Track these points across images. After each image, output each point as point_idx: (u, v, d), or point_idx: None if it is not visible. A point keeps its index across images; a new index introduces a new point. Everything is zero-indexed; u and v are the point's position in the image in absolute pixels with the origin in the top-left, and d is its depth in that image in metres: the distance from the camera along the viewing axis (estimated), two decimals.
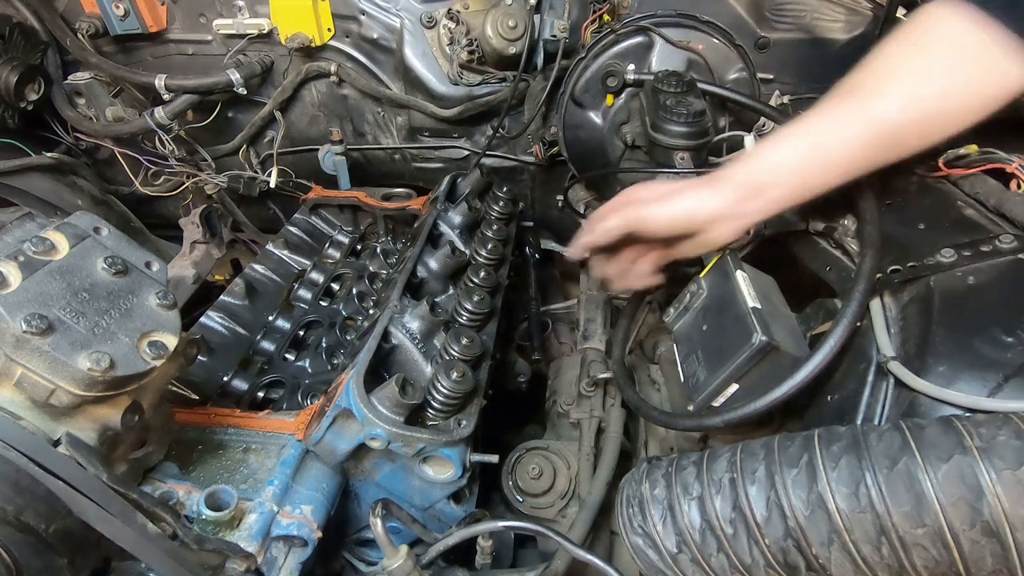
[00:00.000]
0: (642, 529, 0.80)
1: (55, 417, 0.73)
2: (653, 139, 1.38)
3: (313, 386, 1.31)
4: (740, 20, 1.55)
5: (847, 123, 0.95)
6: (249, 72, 1.74)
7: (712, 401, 1.00)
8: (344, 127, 1.93)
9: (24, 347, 0.68)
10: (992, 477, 0.59)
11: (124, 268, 0.81)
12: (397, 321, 1.12)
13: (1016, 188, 0.97)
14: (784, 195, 1.02)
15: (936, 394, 0.75)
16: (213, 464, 0.98)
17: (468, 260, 1.40)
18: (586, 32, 1.69)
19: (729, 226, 1.04)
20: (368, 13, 1.73)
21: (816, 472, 0.69)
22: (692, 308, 1.11)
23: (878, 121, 0.93)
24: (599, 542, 1.20)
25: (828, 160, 0.98)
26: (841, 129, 0.96)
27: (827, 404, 0.92)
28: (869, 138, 0.94)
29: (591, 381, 1.40)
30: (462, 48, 1.68)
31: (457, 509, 1.11)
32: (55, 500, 0.69)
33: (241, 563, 0.81)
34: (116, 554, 0.80)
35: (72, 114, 1.86)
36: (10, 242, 0.75)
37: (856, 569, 0.67)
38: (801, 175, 1.00)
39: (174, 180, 2.01)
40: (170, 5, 1.79)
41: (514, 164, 1.91)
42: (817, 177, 1.00)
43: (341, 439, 0.98)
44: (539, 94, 1.71)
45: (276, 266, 1.65)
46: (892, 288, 0.90)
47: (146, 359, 0.76)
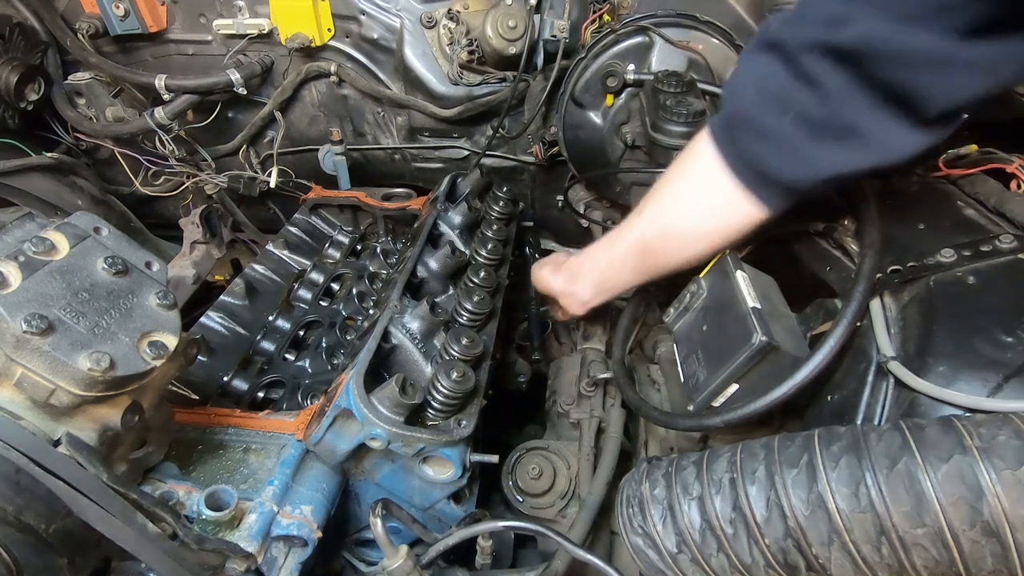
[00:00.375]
0: (642, 529, 0.80)
1: (55, 417, 0.73)
2: (653, 139, 1.38)
3: (313, 386, 1.31)
4: (740, 20, 1.55)
5: (624, 236, 1.16)
6: (249, 72, 1.74)
7: (712, 401, 1.00)
8: (344, 127, 1.93)
9: (24, 347, 0.68)
10: (992, 477, 0.59)
11: (124, 268, 0.81)
12: (397, 321, 1.12)
13: (1016, 188, 0.97)
14: (591, 290, 1.27)
15: (936, 394, 0.75)
16: (213, 464, 0.98)
17: (468, 260, 1.40)
18: (586, 32, 1.69)
19: (569, 301, 1.32)
20: (368, 13, 1.73)
21: (816, 472, 0.69)
22: (692, 308, 1.11)
23: (635, 234, 1.13)
24: (599, 542, 1.20)
25: (614, 265, 1.20)
26: (621, 240, 1.16)
27: (827, 404, 0.92)
28: (633, 248, 1.14)
29: (591, 381, 1.40)
30: (462, 48, 1.68)
31: (457, 509, 1.11)
32: (55, 500, 0.69)
33: (241, 563, 0.81)
34: (116, 554, 0.80)
35: (72, 114, 1.86)
36: (10, 242, 0.75)
37: (856, 569, 0.67)
38: (601, 274, 1.24)
39: (174, 180, 2.01)
40: (170, 5, 1.79)
41: (514, 164, 1.91)
42: (612, 280, 1.23)
43: (341, 439, 0.98)
44: (539, 94, 1.71)
45: (276, 266, 1.65)
46: (892, 288, 0.90)
47: (146, 359, 0.76)
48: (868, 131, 0.83)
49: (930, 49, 0.73)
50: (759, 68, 0.89)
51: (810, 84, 0.83)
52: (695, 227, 1.05)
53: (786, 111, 0.86)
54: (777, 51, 0.86)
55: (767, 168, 0.91)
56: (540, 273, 1.38)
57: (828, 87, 0.82)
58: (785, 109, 0.86)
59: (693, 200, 1.04)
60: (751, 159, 0.92)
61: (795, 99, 0.85)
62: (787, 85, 0.85)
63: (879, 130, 0.82)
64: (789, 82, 0.85)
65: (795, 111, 0.85)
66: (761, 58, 0.88)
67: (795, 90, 0.85)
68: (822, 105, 0.83)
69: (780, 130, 0.87)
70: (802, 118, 0.85)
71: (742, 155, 0.94)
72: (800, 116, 0.85)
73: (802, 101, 0.84)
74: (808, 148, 0.86)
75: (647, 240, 1.12)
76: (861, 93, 0.81)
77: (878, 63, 0.77)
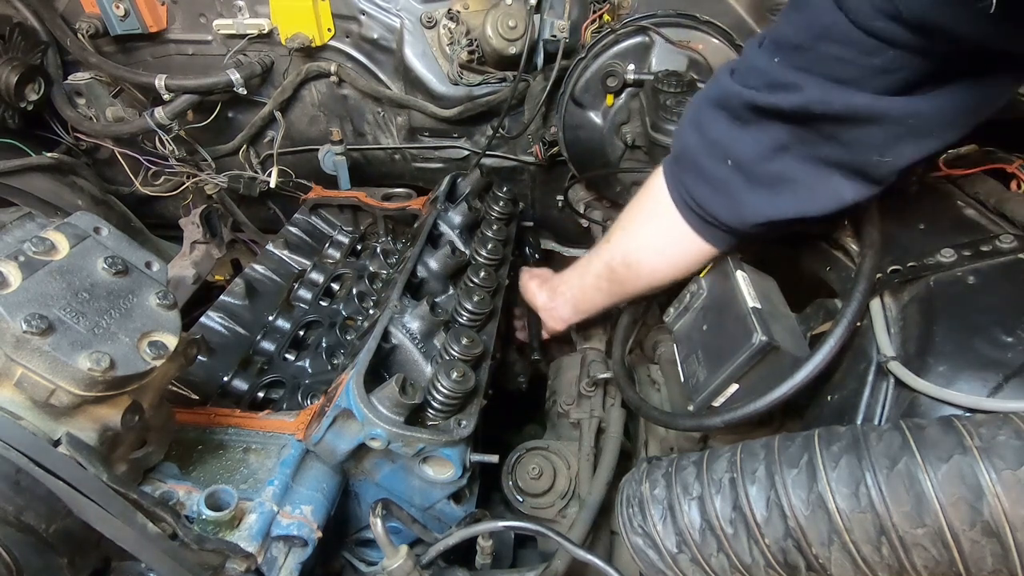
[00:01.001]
0: (642, 529, 0.80)
1: (55, 417, 0.73)
2: (653, 139, 1.38)
3: (313, 386, 1.31)
4: (740, 20, 1.55)
5: (593, 262, 1.25)
6: (249, 72, 1.74)
7: (712, 401, 1.00)
8: (344, 127, 1.93)
9: (24, 347, 0.68)
10: (992, 477, 0.59)
11: (124, 268, 0.81)
12: (397, 321, 1.12)
13: (1016, 188, 0.97)
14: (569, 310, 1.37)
15: (936, 394, 0.75)
16: (213, 464, 0.98)
17: (468, 260, 1.40)
18: (586, 32, 1.69)
19: (549, 316, 1.42)
20: (368, 13, 1.73)
21: (816, 472, 0.69)
22: (692, 308, 1.11)
23: (602, 261, 1.22)
24: (599, 542, 1.20)
25: (586, 289, 1.30)
26: (591, 266, 1.26)
27: (827, 404, 0.92)
28: (602, 271, 1.22)
29: (591, 381, 1.40)
30: (462, 48, 1.68)
31: (457, 509, 1.11)
32: (55, 500, 0.69)
33: (241, 563, 0.81)
34: (116, 554, 0.80)
35: (72, 114, 1.86)
36: (10, 242, 0.75)
37: (856, 569, 0.67)
38: (575, 297, 1.34)
39: (174, 180, 2.01)
40: (170, 5, 1.79)
41: (514, 164, 1.91)
42: (586, 302, 1.32)
43: (341, 439, 0.98)
44: (539, 94, 1.71)
45: (276, 266, 1.65)
46: (892, 288, 0.90)
47: (146, 359, 0.76)
48: (798, 183, 0.88)
49: (865, 107, 0.77)
50: (705, 118, 0.94)
51: (747, 136, 0.88)
52: (652, 258, 1.13)
53: (725, 158, 0.92)
54: (722, 107, 0.91)
55: (706, 208, 0.97)
56: (528, 285, 1.46)
57: (763, 140, 0.87)
58: (724, 156, 0.92)
59: (650, 233, 1.11)
60: (692, 199, 0.99)
61: (734, 148, 0.90)
62: (728, 135, 0.90)
63: (810, 182, 0.87)
64: (730, 133, 0.90)
65: (733, 158, 0.91)
66: (708, 111, 0.94)
67: (736, 141, 0.90)
68: (757, 157, 0.88)
69: (719, 175, 0.93)
70: (739, 165, 0.90)
71: (685, 195, 1.00)
72: (737, 163, 0.90)
73: (740, 151, 0.89)
74: (743, 193, 0.92)
75: (612, 267, 1.20)
76: (795, 148, 0.85)
77: (814, 123, 0.81)
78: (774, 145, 0.86)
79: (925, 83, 0.75)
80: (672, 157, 1.03)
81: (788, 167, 0.87)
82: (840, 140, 0.81)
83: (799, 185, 0.88)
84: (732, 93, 0.88)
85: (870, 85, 0.75)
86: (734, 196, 0.93)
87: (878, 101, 0.76)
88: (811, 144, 0.84)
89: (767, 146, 0.87)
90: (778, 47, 0.82)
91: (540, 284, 1.44)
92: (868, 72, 0.75)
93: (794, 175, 0.87)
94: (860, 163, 0.83)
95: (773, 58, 0.82)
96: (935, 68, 0.73)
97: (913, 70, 0.73)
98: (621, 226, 1.17)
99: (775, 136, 0.86)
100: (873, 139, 0.79)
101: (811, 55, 0.78)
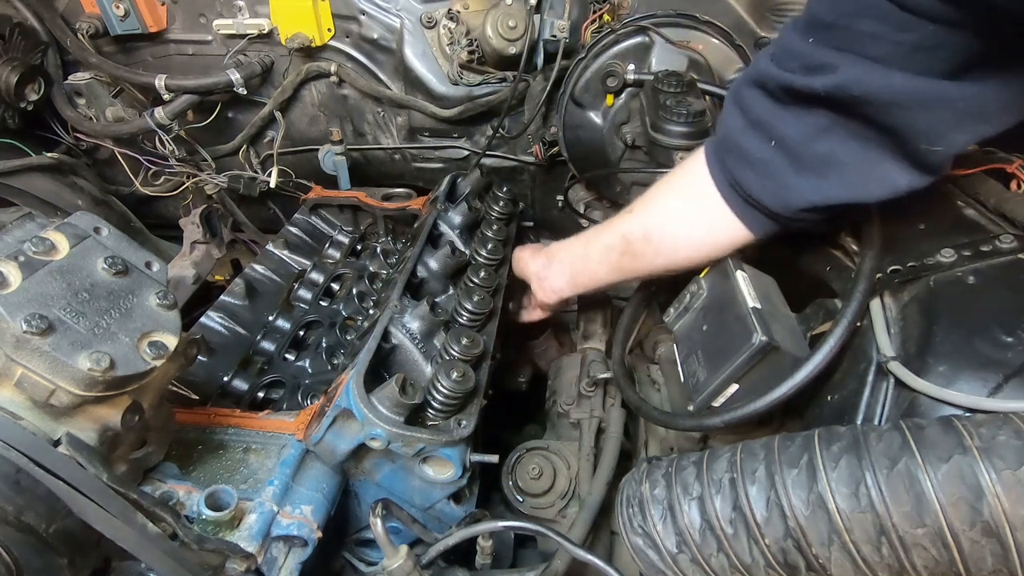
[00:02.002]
0: (642, 529, 0.80)
1: (55, 417, 0.73)
2: (653, 139, 1.38)
3: (313, 386, 1.31)
4: (740, 20, 1.55)
5: (607, 232, 1.19)
6: (249, 72, 1.74)
7: (712, 401, 1.00)
8: (344, 127, 1.93)
9: (24, 347, 0.68)
10: (992, 477, 0.59)
11: (124, 268, 0.81)
12: (397, 321, 1.12)
13: (1016, 188, 0.96)
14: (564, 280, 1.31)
15: (936, 394, 0.75)
16: (213, 464, 0.98)
17: (468, 260, 1.40)
18: (586, 32, 1.69)
19: (541, 286, 1.35)
20: (368, 13, 1.73)
21: (816, 472, 0.69)
22: (692, 308, 1.11)
23: (618, 232, 1.15)
24: (599, 542, 1.20)
25: (591, 258, 1.23)
26: (603, 236, 1.19)
27: (827, 404, 0.92)
28: (614, 244, 1.16)
29: (591, 381, 1.40)
30: (462, 48, 1.68)
31: (457, 509, 1.11)
32: (55, 500, 0.69)
33: (241, 563, 0.81)
34: (116, 554, 0.80)
35: (72, 114, 1.86)
36: (10, 242, 0.75)
37: (856, 569, 0.67)
38: (575, 266, 1.27)
39: (174, 180, 2.01)
40: (170, 5, 1.79)
41: (514, 164, 1.91)
42: (586, 273, 1.26)
43: (341, 439, 0.98)
44: (539, 94, 1.71)
45: (276, 266, 1.65)
46: (892, 288, 0.90)
47: (146, 359, 0.76)
48: (846, 166, 0.85)
49: (905, 89, 0.74)
50: (746, 98, 0.92)
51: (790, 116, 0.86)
52: (679, 236, 1.09)
53: (769, 138, 0.89)
54: (762, 87, 0.89)
55: (750, 192, 0.94)
56: (520, 255, 1.42)
57: (807, 120, 0.84)
58: (768, 136, 0.89)
59: (681, 210, 1.07)
60: (736, 182, 0.96)
61: (777, 128, 0.88)
62: (771, 114, 0.88)
63: (859, 167, 0.84)
64: (772, 112, 0.88)
65: (777, 139, 0.88)
66: (748, 90, 0.92)
67: (778, 120, 0.87)
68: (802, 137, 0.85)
69: (763, 156, 0.90)
70: (783, 146, 0.88)
71: (728, 176, 0.97)
72: (782, 144, 0.88)
73: (784, 131, 0.87)
74: (788, 176, 0.89)
75: (629, 240, 1.14)
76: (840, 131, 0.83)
77: (854, 105, 0.79)
78: (818, 126, 0.84)
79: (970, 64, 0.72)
80: (714, 141, 1.01)
81: (835, 149, 0.84)
82: (883, 124, 0.78)
83: (848, 169, 0.84)
84: (770, 76, 0.86)
85: (909, 64, 0.73)
86: (779, 179, 0.89)
87: (920, 83, 0.73)
88: (855, 128, 0.81)
89: (811, 126, 0.84)
90: (811, 27, 0.80)
91: (534, 252, 1.39)
92: (905, 49, 0.72)
93: (842, 158, 0.84)
94: (910, 149, 0.79)
95: (808, 38, 0.80)
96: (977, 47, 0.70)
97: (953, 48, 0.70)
98: (647, 200, 1.12)
99: (818, 118, 0.83)
100: (918, 124, 0.76)
101: (845, 33, 0.75)
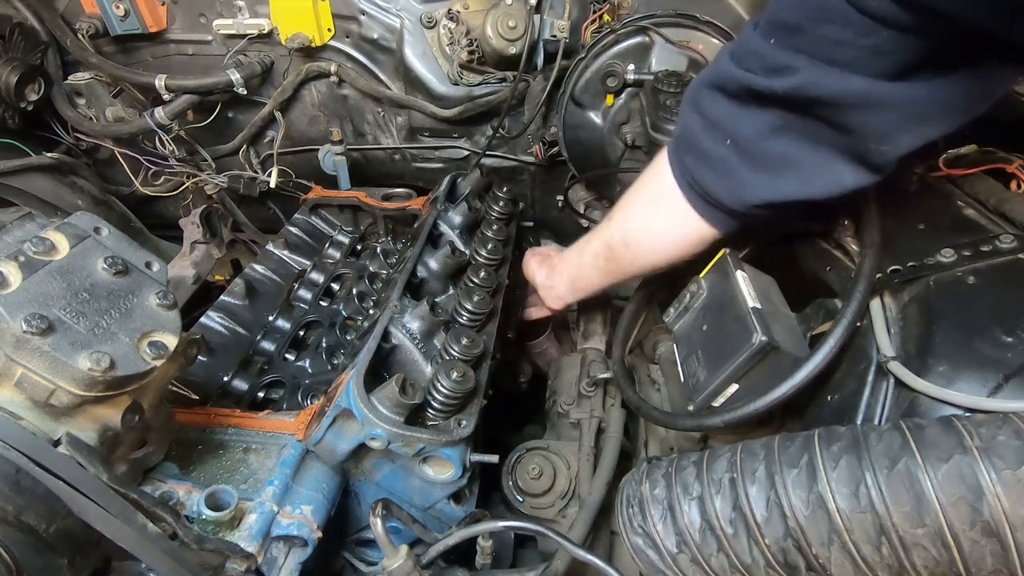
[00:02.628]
0: (642, 529, 0.80)
1: (55, 417, 0.73)
2: (653, 139, 1.38)
3: (313, 386, 1.30)
4: (740, 20, 1.55)
5: (593, 240, 1.26)
6: (249, 72, 1.74)
7: (712, 401, 1.00)
8: (344, 127, 1.93)
9: (24, 347, 0.68)
10: (992, 477, 0.59)
11: (124, 268, 0.81)
12: (397, 321, 1.12)
13: (1016, 188, 0.97)
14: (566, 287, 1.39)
15: (936, 394, 0.75)
16: (213, 464, 0.98)
17: (468, 260, 1.40)
18: (586, 32, 1.69)
19: (547, 295, 1.44)
20: (368, 13, 1.73)
21: (816, 472, 0.69)
22: (692, 308, 1.11)
23: (602, 239, 1.23)
24: (599, 542, 1.20)
25: (584, 266, 1.30)
26: (590, 244, 1.27)
27: (827, 404, 0.92)
28: (600, 251, 1.24)
29: (591, 381, 1.40)
30: (462, 48, 1.68)
31: (457, 509, 1.11)
32: (55, 500, 0.69)
33: (241, 563, 0.81)
34: (116, 554, 0.80)
35: (72, 114, 1.86)
36: (10, 242, 0.75)
37: (856, 569, 0.67)
38: (573, 274, 1.35)
39: (174, 180, 2.01)
40: (170, 5, 1.79)
41: (514, 164, 1.91)
42: (583, 280, 1.34)
43: (341, 439, 0.98)
44: (539, 94, 1.71)
45: (276, 266, 1.65)
46: (892, 288, 0.90)
47: (146, 359, 0.76)
48: (799, 165, 0.87)
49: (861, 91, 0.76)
50: (704, 99, 0.94)
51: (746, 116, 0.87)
52: (653, 239, 1.14)
53: (725, 138, 0.91)
54: (721, 89, 0.90)
55: (708, 189, 0.97)
56: (529, 262, 1.48)
57: (763, 120, 0.86)
58: (724, 136, 0.91)
59: (651, 213, 1.11)
60: (695, 180, 0.98)
61: (733, 128, 0.90)
62: (728, 115, 0.90)
63: (811, 165, 0.86)
64: (730, 112, 0.90)
65: (732, 138, 0.90)
66: (707, 91, 0.93)
67: (735, 120, 0.89)
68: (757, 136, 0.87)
69: (719, 155, 0.93)
70: (739, 145, 0.90)
71: (687, 176, 1.00)
72: (736, 143, 0.90)
73: (740, 131, 0.89)
74: (744, 173, 0.91)
75: (611, 246, 1.20)
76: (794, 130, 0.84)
77: (811, 106, 0.80)
78: (773, 126, 0.85)
79: (922, 68, 0.73)
80: (674, 140, 1.03)
81: (789, 149, 0.86)
82: (837, 124, 0.80)
83: (801, 168, 0.87)
84: (730, 76, 0.87)
85: (866, 68, 0.74)
86: (735, 177, 0.92)
87: (874, 85, 0.75)
88: (810, 127, 0.83)
89: (766, 126, 0.86)
90: (774, 28, 0.81)
91: (540, 262, 1.45)
92: (864, 53, 0.73)
93: (795, 157, 0.87)
94: (861, 149, 0.82)
95: (769, 39, 0.81)
96: (931, 52, 0.71)
97: (908, 52, 0.72)
98: (622, 207, 1.18)
99: (774, 117, 0.85)
100: (870, 124, 0.78)
101: (806, 36, 0.77)
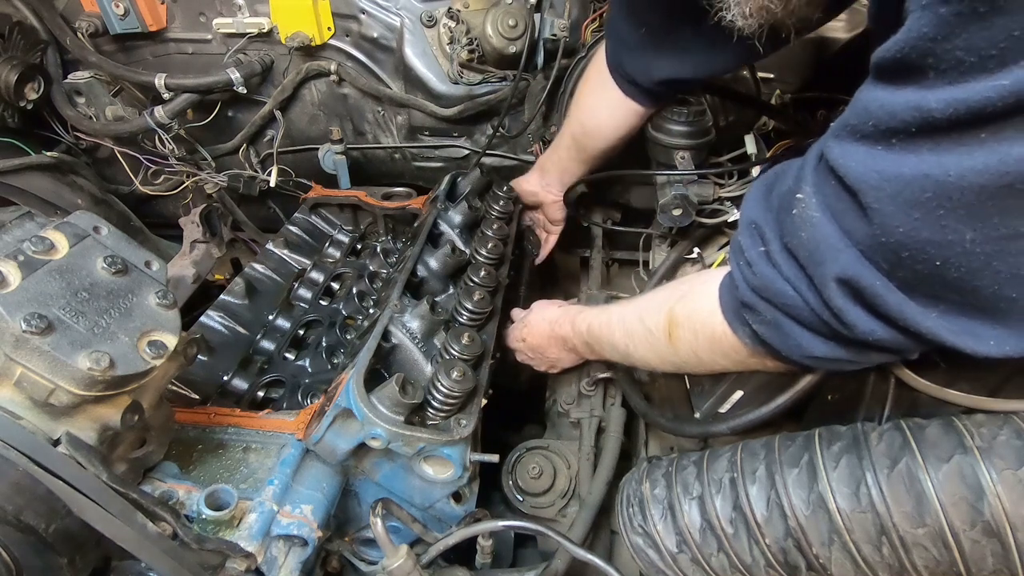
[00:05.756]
0: (642, 528, 0.80)
1: (55, 417, 0.73)
2: (653, 138, 1.38)
3: (313, 386, 1.30)
4: None
5: (563, 135, 1.54)
6: (249, 71, 1.74)
7: (719, 407, 1.00)
8: (344, 126, 1.93)
9: (24, 347, 0.68)
10: (993, 477, 0.59)
11: (124, 267, 0.81)
12: (397, 320, 1.12)
13: None
14: (556, 185, 1.64)
15: (937, 394, 0.75)
16: (213, 464, 0.98)
17: (468, 259, 1.40)
18: (586, 31, 1.68)
19: (540, 197, 1.69)
20: (368, 12, 1.72)
21: (817, 472, 0.69)
22: None
23: (568, 133, 1.50)
24: (599, 542, 1.20)
25: (562, 157, 1.57)
26: (563, 139, 1.55)
27: (827, 404, 0.92)
28: (570, 142, 1.51)
29: (591, 380, 1.40)
30: (462, 47, 1.68)
31: (457, 509, 1.11)
32: (55, 500, 0.69)
33: (241, 563, 0.81)
34: (116, 554, 0.80)
35: (72, 113, 1.86)
36: (10, 241, 0.75)
37: (857, 569, 0.67)
38: (557, 168, 1.60)
39: (174, 179, 2.01)
40: (170, 4, 1.78)
41: (514, 163, 1.91)
42: (567, 173, 1.59)
43: (341, 439, 0.98)
44: (539, 93, 1.71)
45: (276, 265, 1.65)
46: None
47: (146, 359, 0.76)
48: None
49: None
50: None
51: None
52: (600, 120, 1.42)
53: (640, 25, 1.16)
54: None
55: (623, 67, 1.27)
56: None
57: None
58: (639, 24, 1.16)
59: (595, 100, 1.40)
60: (619, 65, 1.28)
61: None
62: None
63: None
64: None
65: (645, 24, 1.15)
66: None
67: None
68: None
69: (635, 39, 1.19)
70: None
71: (615, 60, 1.29)
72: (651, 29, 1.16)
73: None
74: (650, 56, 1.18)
75: (575, 136, 1.48)
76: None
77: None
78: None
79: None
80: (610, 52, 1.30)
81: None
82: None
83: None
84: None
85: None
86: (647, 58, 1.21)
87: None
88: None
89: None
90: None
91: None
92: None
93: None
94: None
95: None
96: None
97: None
98: (576, 103, 1.45)
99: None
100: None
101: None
